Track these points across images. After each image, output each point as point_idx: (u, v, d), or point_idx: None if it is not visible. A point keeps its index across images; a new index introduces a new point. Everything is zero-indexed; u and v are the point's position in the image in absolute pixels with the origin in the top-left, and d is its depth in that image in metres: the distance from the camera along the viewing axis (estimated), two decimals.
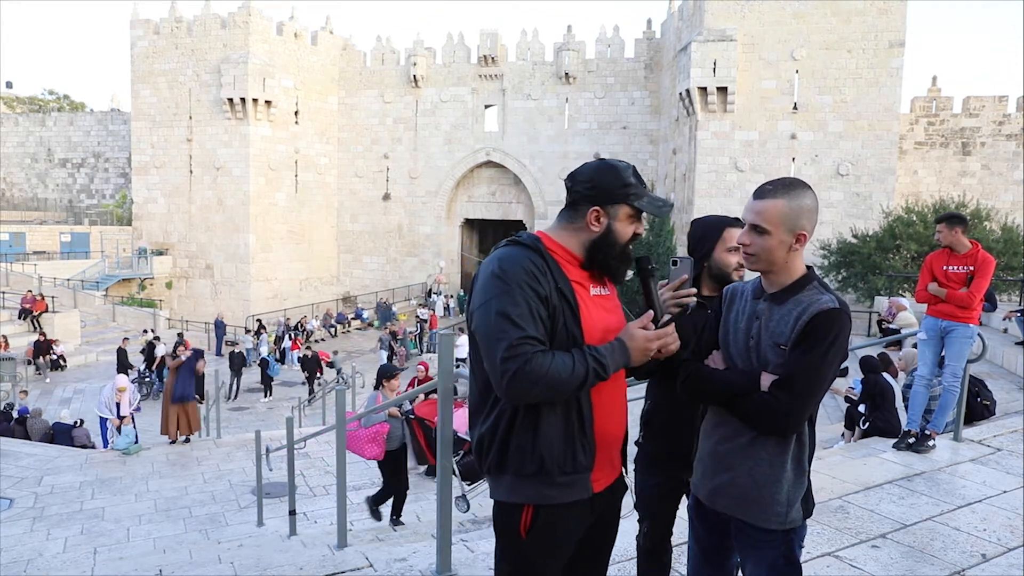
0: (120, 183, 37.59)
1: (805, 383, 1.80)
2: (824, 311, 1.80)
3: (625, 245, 1.93)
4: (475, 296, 1.84)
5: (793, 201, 1.86)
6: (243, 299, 29.79)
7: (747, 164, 23.62)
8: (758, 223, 1.88)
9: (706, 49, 23.11)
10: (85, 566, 5.62)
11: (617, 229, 1.90)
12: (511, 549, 1.94)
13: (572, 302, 1.85)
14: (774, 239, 1.86)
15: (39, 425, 11.86)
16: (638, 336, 1.84)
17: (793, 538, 1.92)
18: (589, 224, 1.90)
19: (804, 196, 1.87)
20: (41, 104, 51.70)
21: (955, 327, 4.99)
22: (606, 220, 1.90)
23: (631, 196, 1.89)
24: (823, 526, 3.71)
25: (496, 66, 30.84)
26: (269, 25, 29.54)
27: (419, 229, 32.67)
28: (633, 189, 1.89)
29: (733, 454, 1.93)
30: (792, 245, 1.87)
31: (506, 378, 1.72)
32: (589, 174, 1.91)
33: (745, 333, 1.95)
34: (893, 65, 22.93)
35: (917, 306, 6.13)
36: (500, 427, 1.85)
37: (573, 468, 1.86)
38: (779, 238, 1.86)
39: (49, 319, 22.06)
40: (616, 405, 1.98)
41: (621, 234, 1.91)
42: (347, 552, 4.24)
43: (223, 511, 7.46)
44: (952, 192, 24.42)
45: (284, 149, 30.58)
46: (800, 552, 1.95)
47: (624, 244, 1.92)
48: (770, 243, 1.87)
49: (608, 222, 1.90)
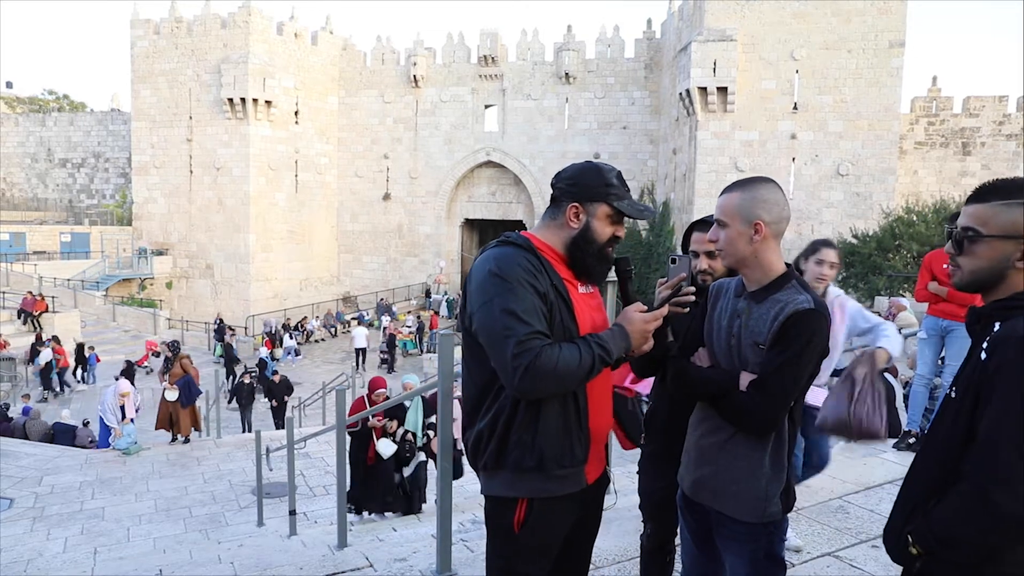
0: (120, 183, 37.59)
1: (780, 384, 1.81)
2: (800, 311, 1.81)
3: (603, 245, 1.95)
4: (473, 296, 1.85)
5: (747, 193, 1.91)
6: (243, 299, 29.78)
7: (747, 164, 23.61)
8: (718, 217, 1.95)
9: (706, 49, 23.10)
10: (85, 566, 5.62)
11: (595, 228, 1.93)
12: (504, 544, 1.96)
13: (567, 298, 1.88)
14: (732, 230, 1.90)
15: (38, 426, 11.87)
16: (636, 319, 1.88)
17: (773, 532, 1.93)
18: (568, 221, 1.93)
19: (759, 188, 1.92)
20: (41, 104, 51.69)
21: (956, 326, 4.98)
22: (584, 217, 1.92)
23: (611, 196, 1.92)
24: (823, 526, 3.71)
25: (496, 66, 30.83)
26: (269, 25, 29.53)
27: (419, 229, 32.67)
28: (614, 190, 1.92)
29: (714, 448, 1.96)
30: (752, 236, 1.88)
31: (518, 374, 1.74)
32: (572, 172, 1.96)
33: (727, 331, 1.97)
34: (893, 65, 22.92)
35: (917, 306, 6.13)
36: (499, 423, 1.87)
37: (571, 461, 1.90)
38: (737, 229, 1.90)
39: (49, 319, 22.07)
40: (606, 399, 2.03)
41: (599, 233, 1.93)
42: (347, 552, 4.24)
43: (223, 511, 7.46)
44: (952, 192, 24.41)
45: (284, 149, 30.58)
46: (781, 547, 1.97)
47: (602, 244, 1.94)
48: (730, 235, 1.91)
49: (586, 219, 1.92)
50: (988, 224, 1.49)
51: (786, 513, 1.96)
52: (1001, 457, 1.35)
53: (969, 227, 1.52)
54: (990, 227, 1.49)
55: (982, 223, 1.50)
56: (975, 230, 1.51)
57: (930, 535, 1.47)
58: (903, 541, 1.54)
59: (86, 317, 24.76)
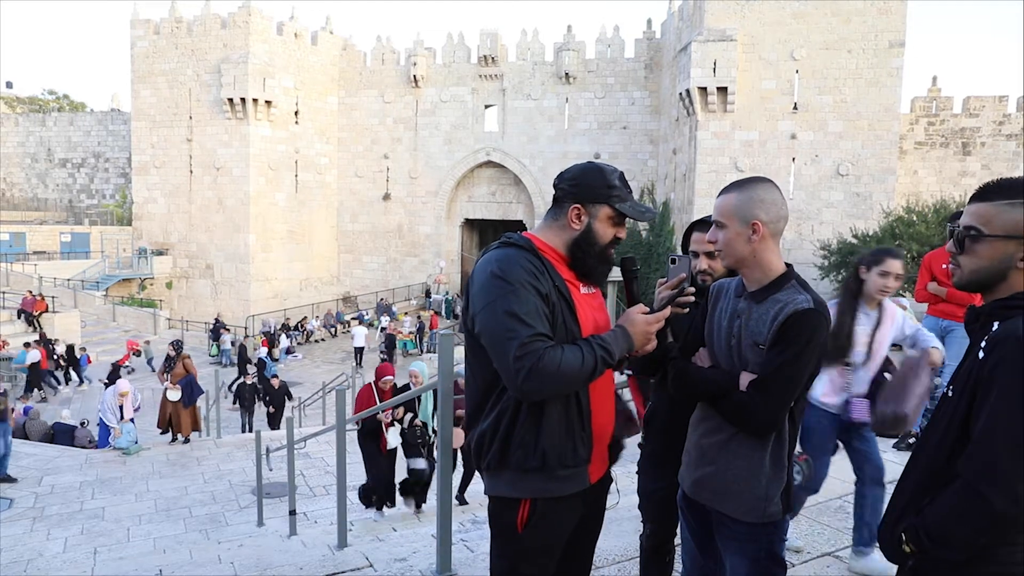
0: (120, 183, 37.59)
1: (779, 384, 1.81)
2: (799, 311, 1.81)
3: (605, 247, 1.95)
4: (476, 298, 1.85)
5: (743, 193, 1.92)
6: (243, 299, 29.79)
7: (747, 164, 23.61)
8: (716, 218, 1.96)
9: (706, 49, 23.10)
10: (85, 566, 5.62)
11: (597, 229, 1.93)
12: (508, 545, 1.96)
13: (569, 300, 1.88)
14: (730, 231, 1.91)
15: (38, 426, 11.87)
16: (639, 320, 1.88)
17: (774, 532, 1.93)
18: (570, 222, 1.93)
19: (756, 188, 1.93)
20: (41, 104, 51.67)
21: (955, 327, 4.98)
22: (586, 219, 1.92)
23: (613, 198, 1.92)
24: (823, 526, 3.71)
25: (496, 66, 30.83)
26: (269, 25, 29.54)
27: (419, 229, 32.67)
28: (616, 191, 1.92)
29: (715, 448, 1.97)
30: (750, 236, 1.89)
31: (521, 376, 1.74)
32: (574, 173, 1.96)
33: (727, 331, 1.97)
34: (893, 65, 22.92)
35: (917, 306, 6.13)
36: (503, 423, 1.88)
37: (574, 461, 1.90)
38: (735, 229, 1.90)
39: (49, 319, 22.07)
40: (608, 399, 2.03)
41: (601, 235, 1.93)
42: (347, 552, 4.24)
43: (223, 511, 7.46)
44: (952, 192, 24.41)
45: (284, 149, 30.58)
46: (782, 547, 1.97)
47: (603, 245, 1.94)
48: (728, 235, 1.92)
49: (588, 221, 1.93)
50: (990, 223, 1.49)
51: (786, 513, 1.96)
52: (995, 455, 1.35)
53: (971, 226, 1.51)
54: (992, 226, 1.48)
55: (984, 222, 1.49)
56: (977, 229, 1.50)
57: (923, 533, 1.47)
58: (897, 539, 1.54)
59: (86, 317, 24.76)
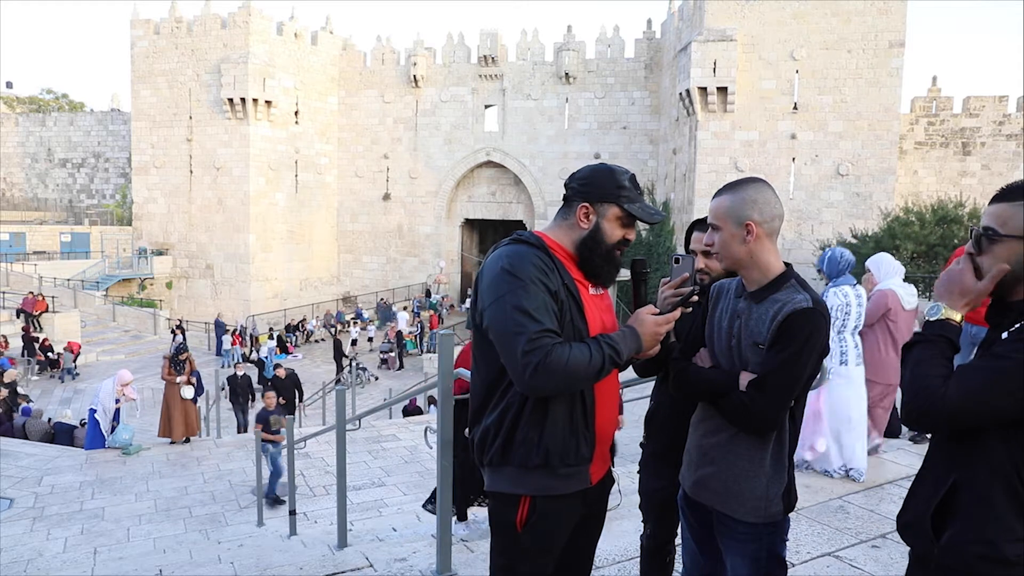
0: (120, 183, 37.59)
1: (779, 383, 1.82)
2: (798, 311, 1.82)
3: (612, 247, 1.95)
4: (485, 293, 1.85)
5: (736, 195, 1.93)
6: (243, 299, 29.79)
7: (747, 164, 23.61)
8: (711, 221, 1.98)
9: (706, 49, 23.11)
10: (85, 566, 5.62)
11: (605, 229, 1.93)
12: (506, 542, 1.97)
13: (578, 298, 1.89)
14: (725, 233, 1.93)
15: (38, 426, 11.85)
16: (648, 321, 1.88)
17: (774, 532, 1.94)
18: (579, 221, 1.94)
19: (748, 189, 1.93)
20: (41, 104, 51.66)
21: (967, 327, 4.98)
22: (595, 218, 1.93)
23: (622, 198, 1.92)
24: (823, 526, 3.71)
25: (496, 66, 30.83)
26: (269, 25, 29.54)
27: (419, 229, 32.67)
28: (626, 192, 1.93)
29: (716, 448, 1.97)
30: (745, 237, 1.90)
31: (528, 371, 1.74)
32: (586, 172, 1.96)
33: (727, 331, 1.98)
34: (893, 65, 22.93)
35: None
36: (506, 420, 1.88)
37: (576, 460, 1.90)
38: (729, 231, 1.92)
39: (49, 319, 22.07)
40: (613, 400, 2.03)
41: (609, 235, 1.94)
42: (347, 552, 4.24)
43: (223, 511, 7.46)
44: (952, 192, 24.41)
45: (284, 149, 30.58)
46: (783, 547, 1.97)
47: (611, 246, 1.94)
48: (723, 237, 1.93)
49: (596, 220, 1.93)
50: (1007, 224, 1.49)
51: (787, 513, 1.96)
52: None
53: (989, 227, 1.52)
54: (1008, 227, 1.48)
55: (1001, 223, 1.50)
56: (994, 229, 1.50)
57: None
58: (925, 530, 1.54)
59: (86, 317, 24.75)
